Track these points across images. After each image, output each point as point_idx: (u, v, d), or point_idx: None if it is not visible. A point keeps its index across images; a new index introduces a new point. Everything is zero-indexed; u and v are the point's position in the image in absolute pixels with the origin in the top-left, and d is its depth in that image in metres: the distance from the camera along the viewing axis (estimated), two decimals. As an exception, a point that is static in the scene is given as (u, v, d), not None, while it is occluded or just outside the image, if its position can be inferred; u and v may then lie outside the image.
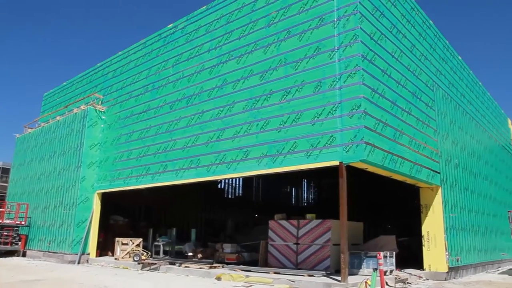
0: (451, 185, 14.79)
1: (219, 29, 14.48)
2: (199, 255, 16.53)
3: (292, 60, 11.98)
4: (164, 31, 17.09)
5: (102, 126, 19.08)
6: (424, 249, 13.62)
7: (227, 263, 14.38)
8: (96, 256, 17.79)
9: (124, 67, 18.88)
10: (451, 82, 16.79)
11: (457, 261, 14.21)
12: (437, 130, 14.33)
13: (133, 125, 17.29)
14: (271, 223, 14.17)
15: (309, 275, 11.21)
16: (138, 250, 16.46)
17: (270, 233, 14.06)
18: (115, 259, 16.68)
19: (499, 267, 19.56)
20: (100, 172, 18.48)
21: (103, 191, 18.18)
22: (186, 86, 15.21)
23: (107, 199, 18.72)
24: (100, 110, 19.15)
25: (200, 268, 13.34)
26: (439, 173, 13.88)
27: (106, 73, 20.08)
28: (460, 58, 18.59)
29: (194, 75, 15.01)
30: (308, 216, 13.67)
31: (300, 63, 11.75)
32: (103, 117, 19.14)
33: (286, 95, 11.85)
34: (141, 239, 17.47)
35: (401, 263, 13.84)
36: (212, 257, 15.70)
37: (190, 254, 16.94)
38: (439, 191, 13.77)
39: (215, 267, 13.38)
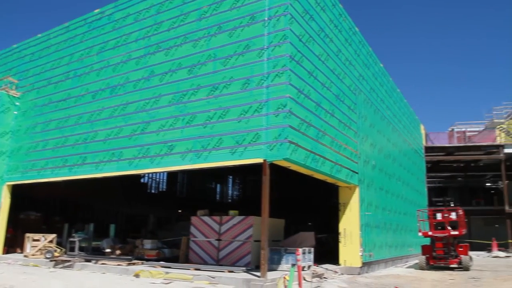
0: (368, 184, 15.63)
1: (149, 19, 14.03)
2: (118, 252, 15.96)
3: (221, 56, 11.93)
4: (89, 16, 16.18)
5: (15, 113, 17.70)
6: (341, 245, 14.24)
7: (147, 260, 14.04)
8: (3, 254, 16.51)
9: (43, 51, 17.61)
10: (372, 88, 17.71)
11: (370, 256, 15.05)
12: (358, 132, 15.05)
13: (51, 113, 16.23)
14: (194, 219, 14.05)
15: (230, 271, 11.26)
16: (51, 247, 15.51)
17: (192, 229, 13.93)
18: (25, 256, 15.59)
19: (407, 261, 21.01)
20: (10, 162, 17.16)
21: (13, 183, 16.91)
22: (111, 75, 14.57)
23: (18, 192, 17.41)
24: (14, 95, 17.75)
25: (118, 265, 12.88)
26: (357, 173, 14.60)
27: (22, 56, 18.61)
28: (381, 65, 19.67)
29: (120, 64, 14.42)
30: (231, 212, 13.73)
31: (229, 59, 11.74)
32: (17, 104, 17.77)
33: (214, 91, 11.78)
34: (55, 235, 16.47)
35: (320, 259, 14.36)
36: (132, 254, 15.23)
37: (108, 250, 16.29)
38: (357, 190, 14.49)
39: (133, 264, 13.00)
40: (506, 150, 31.52)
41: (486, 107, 74.02)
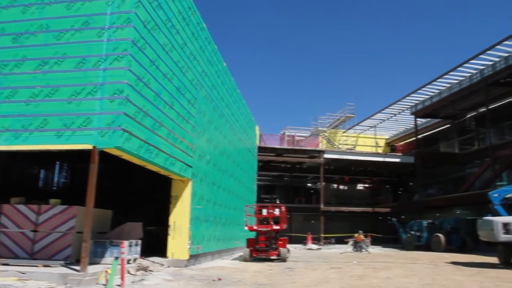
0: (201, 179, 15.95)
1: (-34, -30, 11.91)
2: None
3: (55, 28, 10.77)
4: None
5: None
6: (170, 238, 14.24)
7: None
8: None
9: None
10: (214, 85, 18.15)
11: (198, 249, 15.39)
12: (195, 127, 15.22)
13: None
14: (6, 207, 12.37)
15: (45, 266, 10.27)
16: None
17: (3, 219, 12.26)
18: None
19: (233, 254, 22.14)
20: None
21: None
22: None
23: None
24: None
25: None
26: (191, 167, 14.76)
27: None
28: (225, 64, 20.29)
29: None
30: (52, 201, 12.52)
31: (65, 34, 10.69)
32: None
33: (43, 66, 10.59)
34: None
35: (149, 252, 14.17)
36: None
37: None
38: (190, 184, 14.65)
39: None
40: (326, 155, 35.75)
41: (313, 116, 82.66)
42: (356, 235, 27.00)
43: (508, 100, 30.15)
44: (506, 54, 26.37)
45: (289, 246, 19.57)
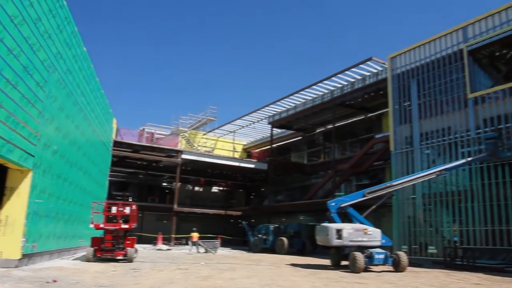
0: (45, 170, 14.49)
1: None
2: None
3: None
4: None
5: None
6: (-1, 234, 12.64)
7: None
8: None
9: None
10: (70, 69, 16.70)
11: (33, 247, 13.95)
12: (43, 113, 13.75)
13: None
14: None
15: None
16: None
17: None
18: None
19: (75, 253, 20.57)
20: None
21: None
22: None
23: None
24: None
25: None
26: (34, 156, 13.29)
27: None
28: (85, 49, 18.89)
29: None
30: None
31: None
32: None
33: None
34: None
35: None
36: None
37: None
38: (30, 175, 13.17)
39: None
40: (184, 156, 35.65)
41: (175, 115, 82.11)
42: (192, 234, 27.36)
43: (351, 120, 34.05)
44: (353, 80, 29.69)
45: (138, 246, 18.98)
